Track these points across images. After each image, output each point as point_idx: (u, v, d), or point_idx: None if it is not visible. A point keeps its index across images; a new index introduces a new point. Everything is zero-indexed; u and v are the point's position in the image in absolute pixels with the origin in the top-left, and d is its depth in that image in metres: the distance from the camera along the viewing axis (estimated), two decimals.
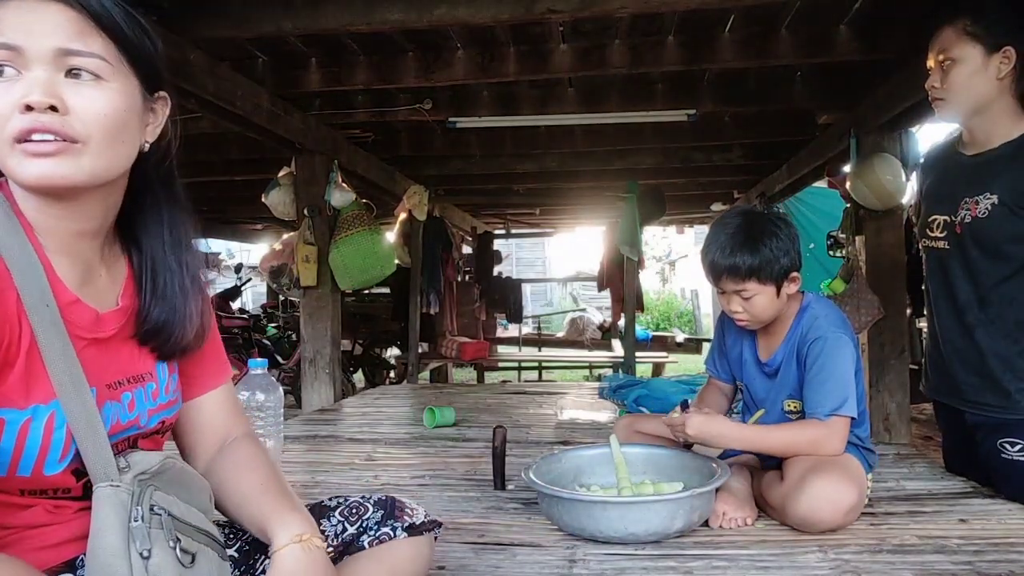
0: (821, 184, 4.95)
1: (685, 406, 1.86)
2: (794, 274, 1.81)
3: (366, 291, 7.43)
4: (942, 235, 1.92)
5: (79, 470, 0.91)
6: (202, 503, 0.99)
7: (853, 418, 1.76)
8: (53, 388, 0.88)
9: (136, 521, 0.86)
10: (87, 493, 0.90)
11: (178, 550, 0.88)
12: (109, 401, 0.96)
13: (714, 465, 1.79)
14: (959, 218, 1.86)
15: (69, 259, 0.94)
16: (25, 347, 0.86)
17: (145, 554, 0.85)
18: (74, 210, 0.92)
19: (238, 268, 8.37)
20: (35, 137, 0.84)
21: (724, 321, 2.08)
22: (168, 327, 1.02)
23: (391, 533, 1.15)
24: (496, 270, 8.56)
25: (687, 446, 1.92)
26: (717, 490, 1.77)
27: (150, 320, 1.01)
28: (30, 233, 0.89)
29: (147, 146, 0.98)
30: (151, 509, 0.88)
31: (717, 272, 1.82)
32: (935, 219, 1.94)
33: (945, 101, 1.82)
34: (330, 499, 1.22)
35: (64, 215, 0.92)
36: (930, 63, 1.86)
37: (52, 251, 0.92)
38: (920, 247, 2.04)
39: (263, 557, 1.10)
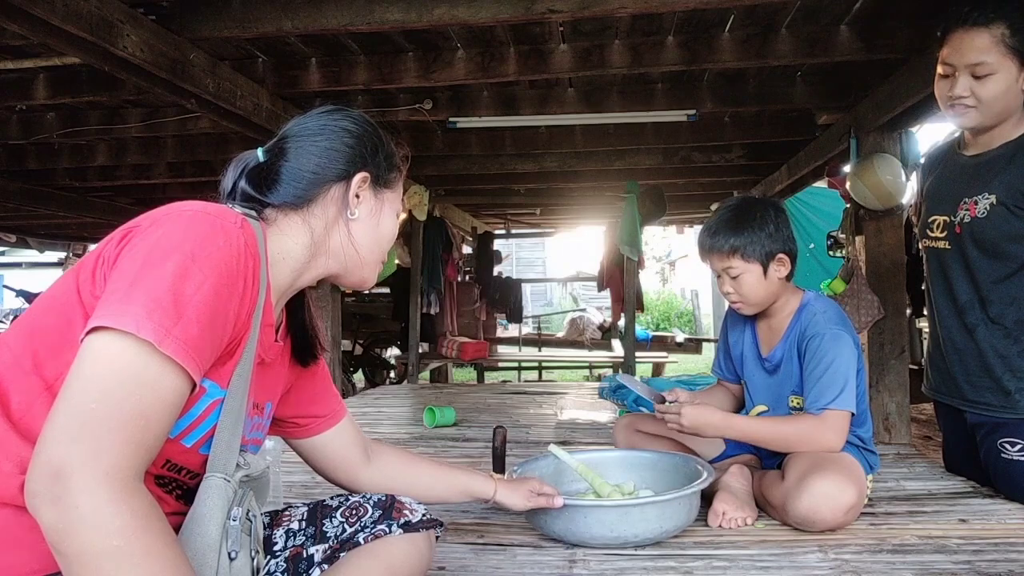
0: (821, 184, 4.95)
1: (661, 400, 1.89)
2: (781, 255, 1.83)
3: (366, 291, 7.43)
4: (942, 235, 1.92)
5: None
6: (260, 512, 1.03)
7: (853, 414, 1.76)
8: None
9: (234, 521, 0.88)
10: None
11: (255, 561, 0.91)
12: (247, 417, 1.01)
13: (698, 467, 1.77)
14: (959, 218, 1.86)
15: (282, 290, 1.06)
16: (245, 344, 0.95)
17: (232, 555, 0.87)
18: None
19: None
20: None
21: (727, 321, 2.08)
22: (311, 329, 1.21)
23: (386, 530, 1.16)
24: (496, 270, 8.55)
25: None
26: (717, 490, 1.77)
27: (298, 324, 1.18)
28: (267, 262, 1.01)
29: None
30: (247, 514, 0.91)
31: (704, 250, 1.90)
32: (935, 219, 1.94)
33: (976, 111, 1.75)
34: (332, 498, 1.24)
35: (303, 276, 1.09)
36: (951, 67, 1.75)
37: (273, 280, 1.03)
38: (921, 247, 2.04)
39: (269, 558, 1.15)
